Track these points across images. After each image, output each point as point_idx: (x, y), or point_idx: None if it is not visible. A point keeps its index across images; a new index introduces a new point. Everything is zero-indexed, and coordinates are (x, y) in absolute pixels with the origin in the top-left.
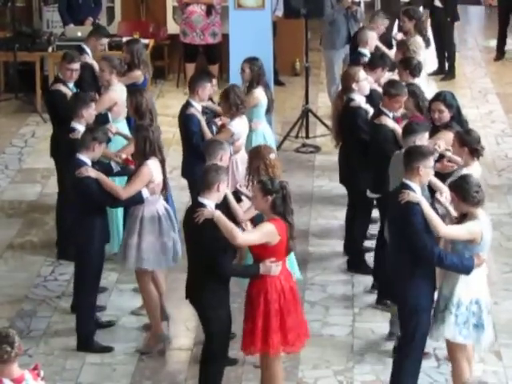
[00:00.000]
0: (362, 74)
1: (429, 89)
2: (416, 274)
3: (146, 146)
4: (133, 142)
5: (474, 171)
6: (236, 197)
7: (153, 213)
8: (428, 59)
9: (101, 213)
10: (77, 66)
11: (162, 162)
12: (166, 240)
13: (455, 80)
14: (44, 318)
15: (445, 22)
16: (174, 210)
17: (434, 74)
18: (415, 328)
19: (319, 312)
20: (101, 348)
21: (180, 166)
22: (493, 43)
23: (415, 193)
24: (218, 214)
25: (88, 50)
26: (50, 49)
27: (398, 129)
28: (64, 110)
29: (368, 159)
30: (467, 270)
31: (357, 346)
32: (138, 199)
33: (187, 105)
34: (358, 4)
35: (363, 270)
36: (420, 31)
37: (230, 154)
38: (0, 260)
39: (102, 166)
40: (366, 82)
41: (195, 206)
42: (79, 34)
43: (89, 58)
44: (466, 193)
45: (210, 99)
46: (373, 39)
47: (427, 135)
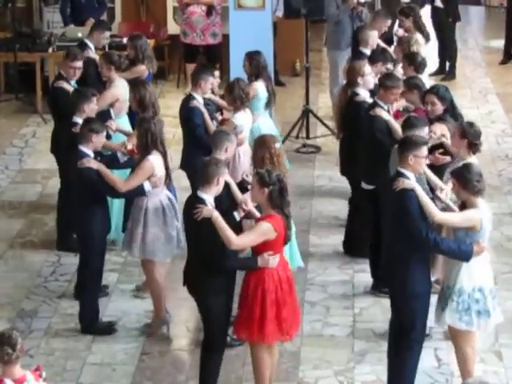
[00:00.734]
0: (367, 68)
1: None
2: (411, 259)
3: (147, 139)
4: (135, 136)
5: None
6: (242, 187)
7: (156, 204)
8: (428, 58)
9: (102, 202)
10: (79, 64)
11: (164, 154)
12: (170, 230)
13: (455, 80)
14: (44, 319)
15: (446, 23)
16: (176, 197)
17: (435, 74)
18: (414, 314)
19: (320, 312)
20: (105, 327)
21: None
22: (493, 43)
23: (410, 180)
24: (216, 216)
25: (91, 44)
26: (51, 49)
27: (393, 121)
28: (66, 107)
29: (363, 150)
30: (466, 255)
31: (357, 347)
32: (140, 192)
33: (189, 97)
34: (363, 5)
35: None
36: (419, 28)
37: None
38: (0, 260)
39: (107, 156)
40: (371, 77)
41: (195, 200)
42: (80, 35)
43: (92, 53)
44: (467, 181)
45: (212, 92)
46: (374, 38)
47: (427, 129)
